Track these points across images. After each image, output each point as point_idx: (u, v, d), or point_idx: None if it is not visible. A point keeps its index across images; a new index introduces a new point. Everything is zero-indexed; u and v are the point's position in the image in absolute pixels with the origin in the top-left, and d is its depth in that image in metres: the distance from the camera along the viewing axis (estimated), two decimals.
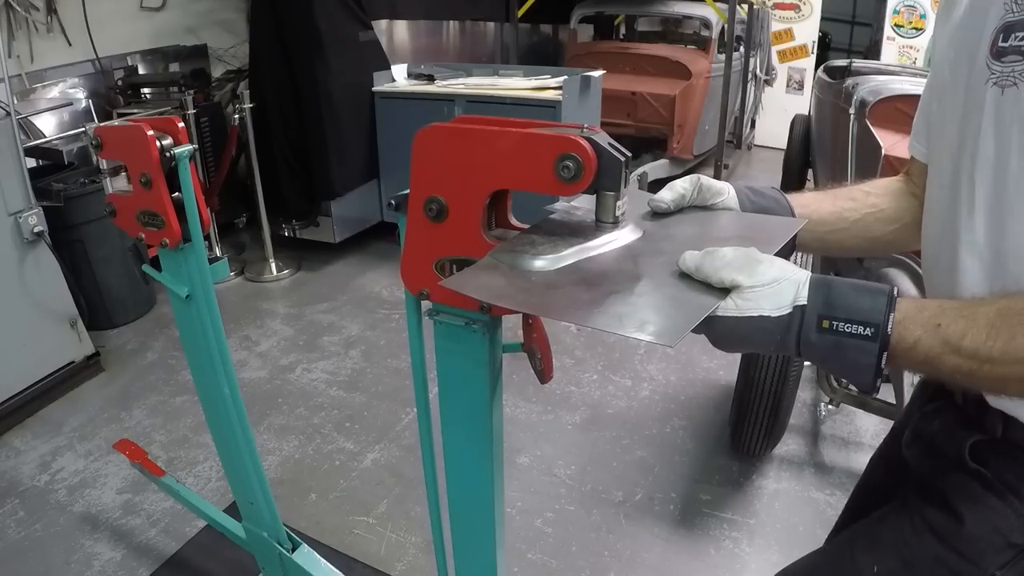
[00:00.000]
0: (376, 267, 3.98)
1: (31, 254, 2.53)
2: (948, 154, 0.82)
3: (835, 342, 0.61)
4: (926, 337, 0.62)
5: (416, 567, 1.90)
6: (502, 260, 0.67)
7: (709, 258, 0.63)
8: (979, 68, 0.74)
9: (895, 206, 0.99)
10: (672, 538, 2.02)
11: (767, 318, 0.61)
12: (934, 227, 0.88)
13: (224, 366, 1.29)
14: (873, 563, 0.89)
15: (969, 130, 0.76)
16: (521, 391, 2.70)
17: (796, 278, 0.62)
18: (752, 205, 0.87)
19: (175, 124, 1.10)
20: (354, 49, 3.72)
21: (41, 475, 2.24)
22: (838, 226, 0.95)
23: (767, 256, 0.64)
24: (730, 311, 0.61)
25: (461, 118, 0.75)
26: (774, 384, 2.04)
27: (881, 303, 0.61)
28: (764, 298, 0.61)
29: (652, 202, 0.81)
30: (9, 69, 2.84)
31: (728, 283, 0.62)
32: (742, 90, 6.11)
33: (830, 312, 0.61)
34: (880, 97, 2.80)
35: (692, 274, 0.63)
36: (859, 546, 0.94)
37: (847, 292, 0.62)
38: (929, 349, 0.62)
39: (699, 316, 0.59)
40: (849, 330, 0.60)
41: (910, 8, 6.86)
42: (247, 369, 2.90)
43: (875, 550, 0.91)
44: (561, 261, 0.67)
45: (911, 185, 1.01)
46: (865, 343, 0.60)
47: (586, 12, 5.87)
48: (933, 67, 0.92)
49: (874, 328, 0.60)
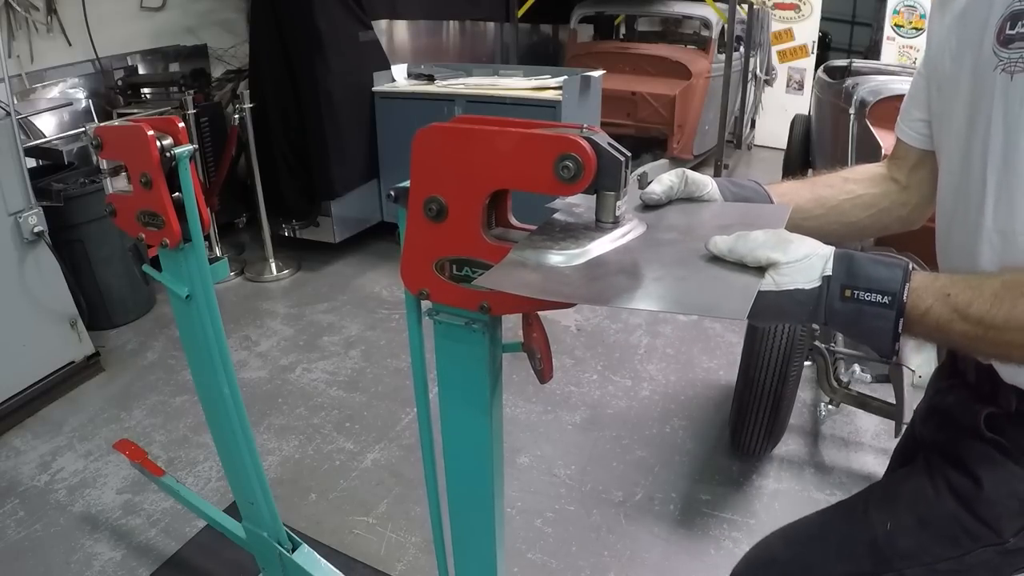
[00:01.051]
0: (376, 267, 3.98)
1: (31, 254, 2.53)
2: (956, 141, 0.84)
3: (857, 309, 0.66)
4: (937, 305, 0.67)
5: (416, 567, 1.90)
6: (526, 257, 0.67)
7: (742, 240, 0.66)
8: (985, 56, 0.76)
9: (872, 191, 1.01)
10: (672, 538, 2.02)
11: (801, 291, 0.66)
12: (945, 211, 0.90)
13: (224, 366, 1.29)
14: (887, 519, 0.91)
15: (978, 116, 0.79)
16: (521, 391, 2.70)
17: (824, 252, 0.67)
18: (733, 196, 0.90)
19: (175, 124, 1.10)
20: (354, 49, 3.72)
21: (41, 475, 2.24)
22: (815, 212, 0.98)
23: (796, 235, 0.68)
24: (769, 286, 0.65)
25: (461, 118, 0.75)
26: (774, 384, 2.04)
27: (898, 274, 0.66)
28: (798, 272, 0.66)
29: (644, 195, 0.84)
30: (9, 69, 2.84)
31: (764, 261, 0.66)
32: (742, 90, 6.11)
33: (852, 282, 0.66)
34: (880, 97, 2.80)
35: (725, 256, 0.66)
36: (874, 502, 0.95)
37: (867, 264, 0.66)
38: (939, 316, 0.67)
39: (753, 290, 0.63)
40: (869, 298, 0.65)
41: (910, 8, 6.86)
42: (247, 369, 2.90)
43: (891, 507, 0.93)
44: (587, 254, 0.67)
45: (893, 169, 1.03)
46: (883, 310, 0.65)
47: (586, 12, 5.87)
48: (929, 58, 0.93)
49: (891, 296, 0.65)
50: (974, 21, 0.80)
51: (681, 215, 0.82)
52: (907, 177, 1.00)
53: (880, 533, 0.90)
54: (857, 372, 2.22)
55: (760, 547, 1.07)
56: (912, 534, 0.89)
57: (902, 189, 1.01)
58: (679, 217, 0.81)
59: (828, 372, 2.19)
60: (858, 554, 0.92)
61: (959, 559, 0.86)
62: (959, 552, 0.86)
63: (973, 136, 0.80)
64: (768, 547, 1.06)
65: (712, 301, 0.62)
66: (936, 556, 0.87)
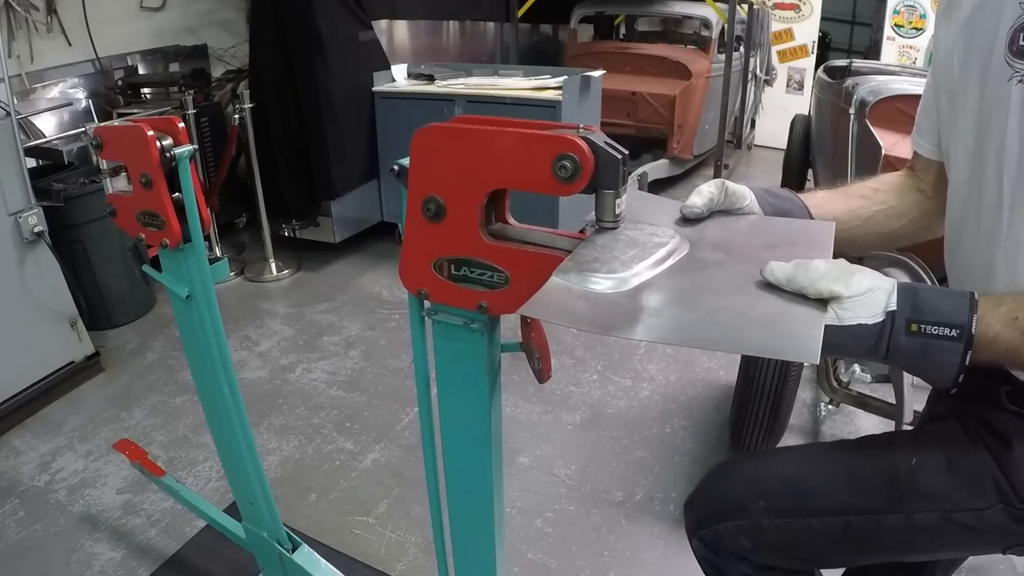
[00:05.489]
0: (376, 267, 3.99)
1: (31, 254, 2.53)
2: (964, 149, 0.84)
3: (923, 344, 0.65)
4: (1005, 331, 0.67)
5: (416, 567, 1.90)
6: (571, 281, 0.64)
7: (803, 270, 0.63)
8: (997, 66, 0.77)
9: (902, 201, 1.02)
10: (672, 538, 2.02)
11: (864, 326, 0.64)
12: (954, 219, 0.90)
13: (224, 366, 1.29)
14: (913, 455, 0.88)
15: (991, 127, 0.79)
16: (521, 391, 2.70)
17: (886, 286, 0.66)
18: (771, 208, 0.88)
19: (175, 124, 1.10)
20: (354, 49, 3.72)
21: (41, 475, 2.24)
22: (851, 224, 0.97)
23: (857, 267, 0.67)
24: (832, 321, 0.63)
25: (459, 118, 0.75)
26: (774, 384, 2.04)
27: (964, 305, 0.65)
28: (862, 307, 0.64)
29: (685, 208, 0.82)
30: (9, 69, 2.84)
31: (826, 294, 0.63)
32: (742, 90, 6.11)
33: (918, 316, 0.65)
34: (880, 97, 2.81)
35: (782, 285, 0.63)
36: (900, 440, 0.93)
37: (932, 297, 0.66)
38: (1009, 341, 0.67)
39: (820, 328, 0.60)
40: (936, 332, 0.64)
41: (910, 8, 6.86)
42: (247, 369, 2.90)
43: (920, 444, 0.90)
44: (635, 278, 0.64)
45: (917, 180, 1.04)
46: (951, 343, 0.65)
47: (586, 12, 5.87)
48: (936, 65, 0.93)
49: (959, 329, 0.64)
50: (982, 29, 0.79)
51: (722, 230, 0.79)
52: (932, 188, 1.01)
53: (903, 468, 0.86)
54: (857, 372, 2.22)
55: (730, 464, 1.02)
56: (938, 474, 0.85)
57: (929, 199, 1.01)
58: (721, 233, 0.78)
59: (828, 372, 2.19)
60: (870, 486, 0.88)
61: (978, 513, 0.83)
62: (981, 505, 0.82)
63: (985, 145, 0.79)
64: (741, 465, 1.01)
65: (779, 342, 0.59)
66: (957, 503, 0.83)
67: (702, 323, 0.60)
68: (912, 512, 0.85)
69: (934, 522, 0.84)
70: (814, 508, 0.90)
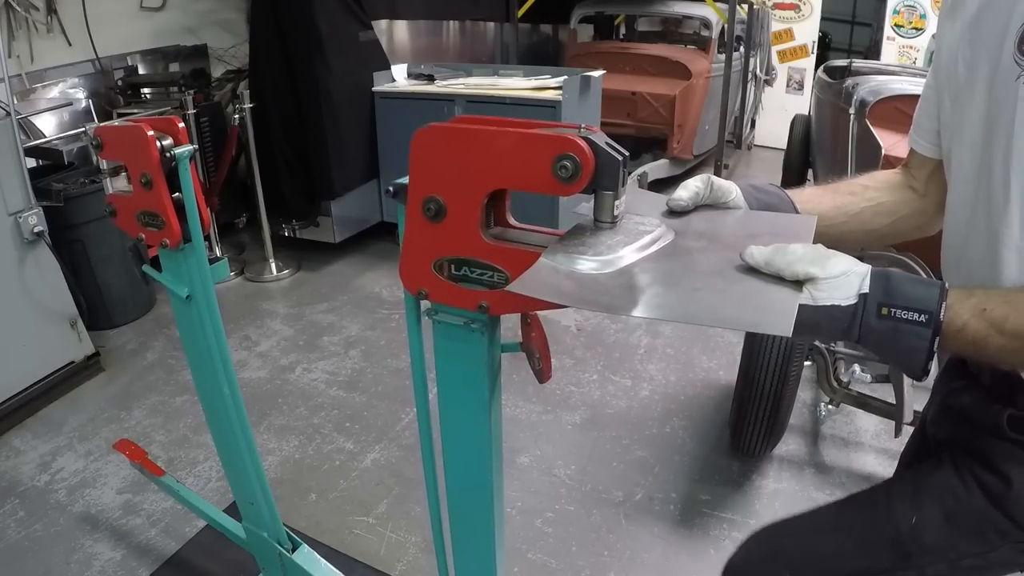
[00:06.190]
0: (376, 267, 3.99)
1: (31, 254, 2.53)
2: (970, 150, 0.84)
3: (893, 327, 0.66)
4: (973, 321, 0.68)
5: (416, 567, 1.90)
6: (558, 262, 0.66)
7: (780, 253, 0.66)
8: (1005, 66, 0.76)
9: (892, 199, 1.02)
10: (672, 538, 2.02)
11: (837, 307, 0.66)
12: (959, 220, 0.89)
13: (224, 366, 1.29)
14: (913, 513, 0.90)
15: (998, 127, 0.78)
16: (521, 391, 2.70)
17: (860, 270, 0.67)
18: (757, 202, 0.89)
19: (175, 124, 1.10)
20: (354, 49, 3.72)
21: (41, 475, 2.24)
22: (838, 220, 0.97)
23: (833, 251, 0.69)
24: (807, 301, 0.65)
25: (459, 118, 0.75)
26: (774, 384, 2.04)
27: (935, 292, 0.67)
28: (836, 288, 0.66)
29: (671, 201, 0.83)
30: (9, 69, 2.84)
31: (802, 276, 0.66)
32: (742, 90, 6.11)
33: (889, 300, 0.66)
34: (880, 97, 2.81)
35: (761, 267, 0.66)
36: (898, 495, 0.94)
37: (904, 282, 0.67)
38: (976, 331, 0.68)
39: (794, 305, 0.63)
40: (905, 316, 0.66)
41: (910, 8, 6.86)
42: (247, 369, 2.90)
43: (917, 500, 0.92)
44: (620, 261, 0.67)
45: (909, 178, 1.03)
46: (919, 328, 0.66)
47: (586, 12, 5.87)
48: (940, 65, 0.93)
49: (928, 315, 0.66)
50: (991, 29, 0.79)
51: (707, 222, 0.81)
52: (924, 186, 1.01)
53: (905, 528, 0.89)
54: (857, 372, 2.22)
55: (759, 540, 1.06)
56: (939, 529, 0.87)
57: (920, 197, 1.01)
58: (706, 224, 0.80)
59: (828, 372, 2.19)
60: (878, 548, 0.90)
61: (983, 556, 0.85)
62: (985, 549, 0.85)
63: (992, 145, 0.79)
64: (768, 540, 1.05)
65: (754, 317, 0.62)
66: (961, 552, 0.86)
67: (683, 299, 0.62)
68: (923, 566, 0.88)
69: (943, 571, 0.87)
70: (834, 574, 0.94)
